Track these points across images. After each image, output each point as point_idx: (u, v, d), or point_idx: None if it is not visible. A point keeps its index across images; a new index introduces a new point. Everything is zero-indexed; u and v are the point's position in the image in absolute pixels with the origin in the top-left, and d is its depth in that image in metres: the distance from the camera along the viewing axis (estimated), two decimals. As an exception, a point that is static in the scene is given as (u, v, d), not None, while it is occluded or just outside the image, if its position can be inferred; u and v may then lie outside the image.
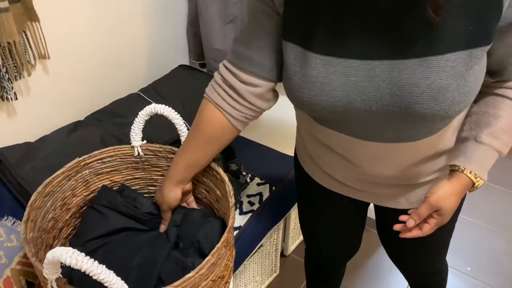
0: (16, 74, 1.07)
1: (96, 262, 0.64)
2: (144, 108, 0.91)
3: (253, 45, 0.78)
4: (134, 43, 1.40)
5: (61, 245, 0.98)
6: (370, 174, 0.88)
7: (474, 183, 0.76)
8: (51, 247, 0.94)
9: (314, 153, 0.95)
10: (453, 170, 0.77)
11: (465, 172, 0.75)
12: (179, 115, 0.91)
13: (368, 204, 1.04)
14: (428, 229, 0.78)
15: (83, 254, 0.63)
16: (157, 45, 1.47)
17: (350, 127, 0.79)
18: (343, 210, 1.03)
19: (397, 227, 0.79)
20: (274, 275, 1.62)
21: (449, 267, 1.16)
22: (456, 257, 1.69)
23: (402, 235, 0.79)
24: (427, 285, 1.19)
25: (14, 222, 1.05)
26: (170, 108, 0.90)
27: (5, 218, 1.05)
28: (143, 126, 0.95)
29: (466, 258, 1.72)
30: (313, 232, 1.13)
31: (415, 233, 0.78)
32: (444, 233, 0.97)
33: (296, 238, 1.71)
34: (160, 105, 0.90)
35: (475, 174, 0.75)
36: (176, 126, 0.91)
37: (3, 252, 0.99)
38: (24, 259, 1.00)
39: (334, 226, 1.08)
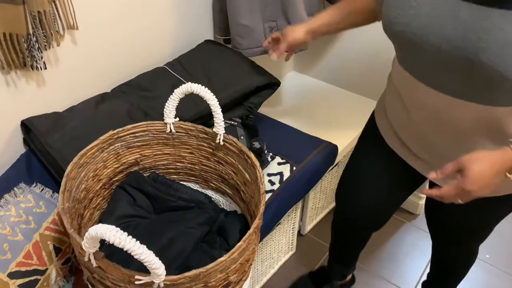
0: (45, 43, 1.06)
1: (138, 242, 0.65)
2: (180, 87, 0.91)
3: None
4: (161, 17, 1.38)
5: (90, 215, 1.01)
6: (428, 136, 0.88)
7: None
8: (82, 216, 0.97)
9: (387, 101, 1.00)
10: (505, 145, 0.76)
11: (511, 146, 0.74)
12: (214, 96, 0.90)
13: (421, 182, 1.05)
14: (446, 189, 0.75)
15: (126, 233, 0.65)
16: (183, 19, 1.44)
17: (420, 67, 0.82)
18: (393, 171, 1.04)
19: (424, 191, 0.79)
20: (291, 253, 1.65)
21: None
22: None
23: (422, 192, 0.80)
24: (453, 265, 1.21)
25: (43, 189, 1.07)
26: (206, 88, 0.90)
27: (34, 185, 1.07)
28: (177, 104, 0.95)
29: (485, 246, 1.68)
30: (355, 181, 1.14)
31: (434, 192, 0.77)
32: (487, 218, 0.98)
33: (313, 218, 1.73)
34: (196, 84, 0.89)
35: None
36: (211, 108, 0.91)
37: (32, 217, 1.02)
38: (52, 225, 1.02)
39: (379, 180, 1.08)
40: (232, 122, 1.31)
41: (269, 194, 1.32)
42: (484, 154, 0.74)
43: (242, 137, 1.26)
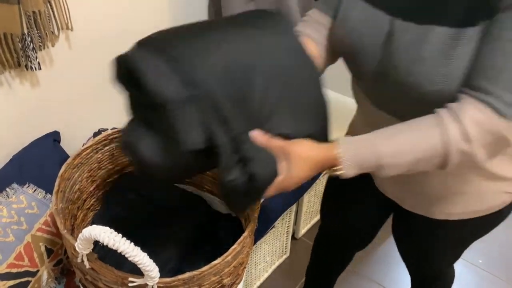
0: (40, 44, 1.06)
1: (132, 244, 0.65)
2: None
3: None
4: (157, 17, 1.38)
5: (83, 216, 1.00)
6: None
7: (335, 165, 0.66)
8: (75, 217, 0.96)
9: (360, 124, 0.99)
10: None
11: (337, 149, 0.66)
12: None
13: (393, 208, 1.02)
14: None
15: (120, 235, 0.65)
16: (179, 20, 1.44)
17: (363, 86, 0.84)
18: (372, 197, 1.01)
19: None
20: (284, 256, 1.65)
21: (460, 259, 1.17)
22: (468, 249, 1.70)
23: None
24: (426, 286, 1.21)
25: (35, 190, 1.06)
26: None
27: (27, 185, 1.06)
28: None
29: (478, 251, 1.72)
30: (338, 204, 1.11)
31: None
32: (446, 242, 0.99)
33: (307, 221, 1.73)
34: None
35: (341, 159, 0.66)
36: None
37: (24, 218, 1.01)
38: (44, 226, 1.02)
39: (360, 207, 1.07)
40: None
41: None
42: (308, 144, 0.68)
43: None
